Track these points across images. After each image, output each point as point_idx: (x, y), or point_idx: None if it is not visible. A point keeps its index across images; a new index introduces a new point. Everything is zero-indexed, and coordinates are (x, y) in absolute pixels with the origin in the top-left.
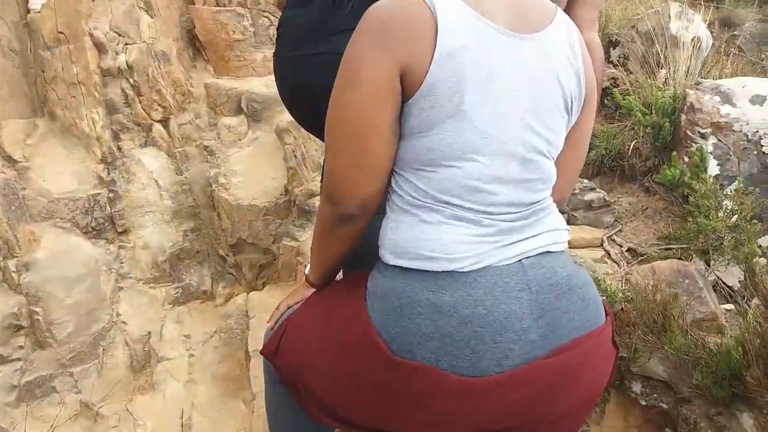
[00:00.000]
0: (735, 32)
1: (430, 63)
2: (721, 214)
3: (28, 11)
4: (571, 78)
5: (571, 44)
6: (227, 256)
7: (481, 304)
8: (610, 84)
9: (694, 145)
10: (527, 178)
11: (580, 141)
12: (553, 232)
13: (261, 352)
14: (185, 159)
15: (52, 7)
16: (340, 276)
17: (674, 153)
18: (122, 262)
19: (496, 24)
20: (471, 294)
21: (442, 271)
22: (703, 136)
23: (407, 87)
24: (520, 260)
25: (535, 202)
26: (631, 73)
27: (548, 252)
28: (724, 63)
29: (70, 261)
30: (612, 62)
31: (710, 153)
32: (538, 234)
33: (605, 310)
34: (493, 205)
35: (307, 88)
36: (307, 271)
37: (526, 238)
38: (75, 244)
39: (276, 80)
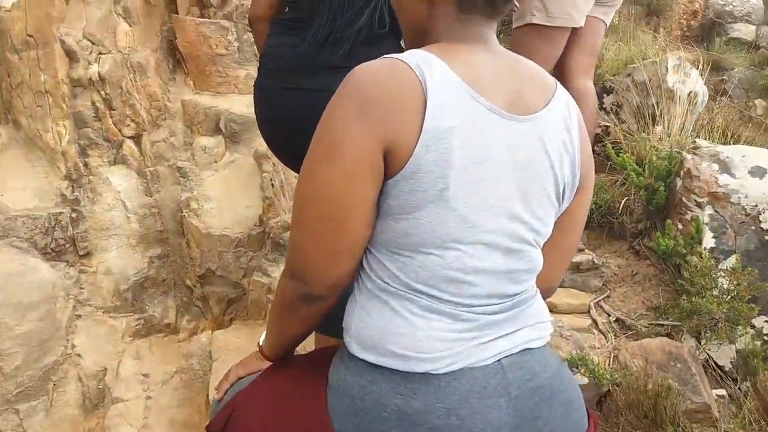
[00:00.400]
0: (724, 77)
1: (416, 144)
2: (716, 292)
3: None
4: (566, 164)
5: (568, 127)
6: (194, 287)
7: (455, 413)
8: (602, 132)
9: (689, 213)
10: (511, 269)
11: (571, 227)
12: (536, 325)
13: (207, 429)
14: (156, 179)
15: (23, 7)
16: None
17: (668, 221)
18: (82, 288)
19: (492, 103)
20: (444, 401)
21: (414, 372)
22: (700, 206)
23: (389, 166)
24: (499, 360)
25: (518, 293)
26: (623, 122)
27: (529, 349)
28: (715, 117)
29: (25, 285)
30: (605, 109)
31: (706, 224)
32: (520, 329)
33: (588, 413)
34: (473, 297)
35: (287, 122)
36: (261, 341)
37: (507, 334)
38: (32, 266)
39: (255, 110)
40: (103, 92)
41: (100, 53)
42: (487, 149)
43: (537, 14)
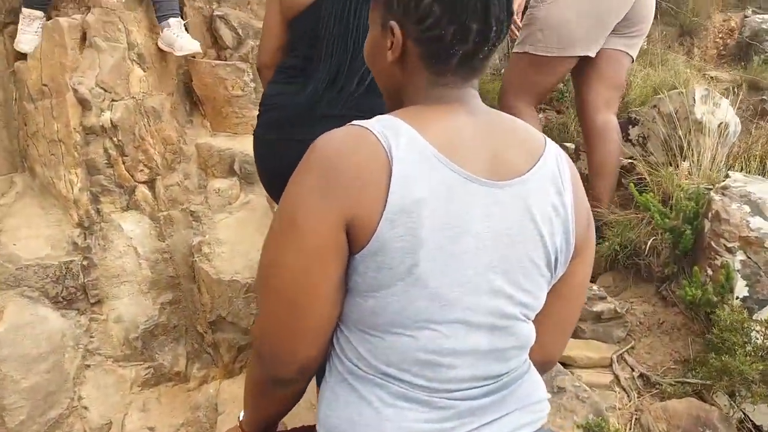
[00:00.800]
0: (764, 97)
1: (380, 219)
2: (749, 348)
3: (19, 57)
4: (557, 230)
5: (558, 189)
6: (205, 333)
7: None
8: (628, 167)
9: (719, 258)
10: (496, 347)
11: (569, 294)
12: (528, 407)
13: None
14: (169, 224)
15: (38, 57)
16: None
17: (696, 267)
18: (92, 337)
19: (467, 169)
20: None
21: None
22: (730, 251)
23: (353, 241)
24: None
25: (506, 373)
26: (650, 154)
27: None
28: (753, 145)
29: (33, 336)
30: (630, 141)
31: (738, 271)
32: (509, 413)
33: None
34: (451, 382)
35: (286, 171)
36: (241, 416)
37: (493, 421)
38: (42, 315)
39: (255, 159)
40: (115, 139)
41: (113, 100)
42: (463, 220)
43: (534, 44)
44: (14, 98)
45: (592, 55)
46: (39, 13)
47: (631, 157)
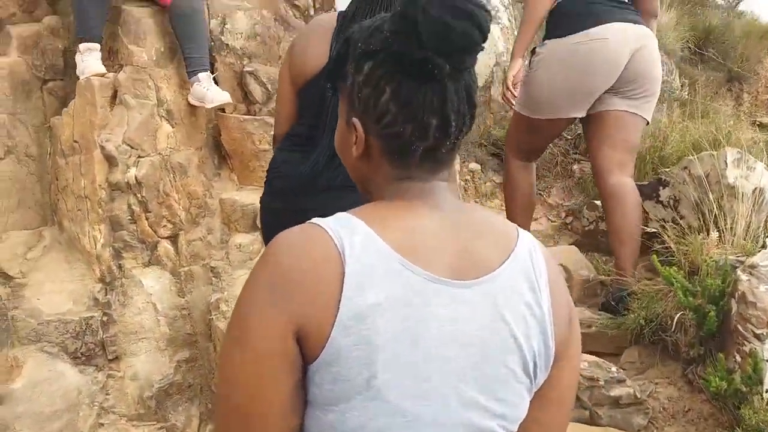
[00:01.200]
0: None
1: (333, 325)
2: None
3: (56, 113)
4: (533, 332)
5: (532, 286)
6: None
7: None
8: (656, 231)
9: (747, 344)
10: None
11: (556, 399)
12: None
13: None
14: (190, 279)
15: (72, 114)
16: None
17: (721, 354)
18: (108, 394)
19: (428, 269)
20: None
21: None
22: (758, 337)
23: (306, 350)
24: None
25: None
26: (683, 217)
27: None
28: None
29: (49, 393)
30: (661, 202)
31: (767, 361)
32: None
33: None
34: None
35: None
36: None
37: None
38: (60, 371)
39: (260, 226)
40: (139, 195)
41: (139, 156)
42: (425, 325)
43: (525, 105)
44: (49, 153)
45: (581, 115)
46: (95, 45)
47: (662, 219)
